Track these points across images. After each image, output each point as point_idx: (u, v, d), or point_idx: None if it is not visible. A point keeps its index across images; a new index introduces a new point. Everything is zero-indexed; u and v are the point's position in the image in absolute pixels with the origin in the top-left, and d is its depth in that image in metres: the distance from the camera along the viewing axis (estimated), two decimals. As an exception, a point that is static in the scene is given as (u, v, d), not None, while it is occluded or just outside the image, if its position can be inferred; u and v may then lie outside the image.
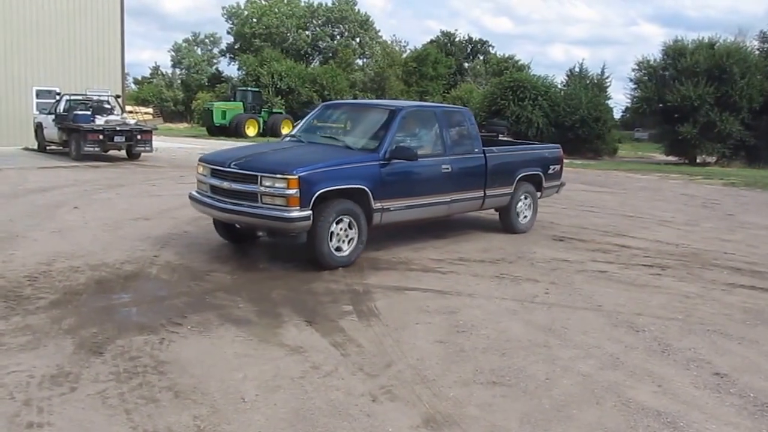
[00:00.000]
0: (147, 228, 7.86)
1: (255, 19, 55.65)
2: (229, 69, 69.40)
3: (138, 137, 16.80)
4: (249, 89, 38.16)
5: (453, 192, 7.31)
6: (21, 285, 5.28)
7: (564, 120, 28.44)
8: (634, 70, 29.84)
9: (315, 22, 57.20)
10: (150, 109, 49.85)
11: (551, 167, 8.86)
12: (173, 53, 61.10)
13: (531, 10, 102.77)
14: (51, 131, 17.71)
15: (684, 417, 3.43)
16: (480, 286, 5.86)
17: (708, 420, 3.42)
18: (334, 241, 6.13)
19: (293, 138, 7.59)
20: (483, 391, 3.65)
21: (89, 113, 16.74)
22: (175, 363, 3.87)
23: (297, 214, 5.78)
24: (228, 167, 6.18)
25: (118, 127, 16.57)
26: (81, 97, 18.27)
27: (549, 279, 6.18)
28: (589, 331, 4.73)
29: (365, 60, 55.56)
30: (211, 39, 62.55)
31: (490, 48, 58.45)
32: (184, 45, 61.45)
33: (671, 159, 28.42)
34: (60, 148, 17.76)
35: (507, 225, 8.41)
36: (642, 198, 13.23)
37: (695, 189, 15.47)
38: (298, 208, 5.78)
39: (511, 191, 8.17)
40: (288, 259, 6.54)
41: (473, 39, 58.91)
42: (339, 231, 6.15)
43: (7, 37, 20.93)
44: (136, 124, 18.49)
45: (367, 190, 6.29)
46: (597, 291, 5.83)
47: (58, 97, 18.58)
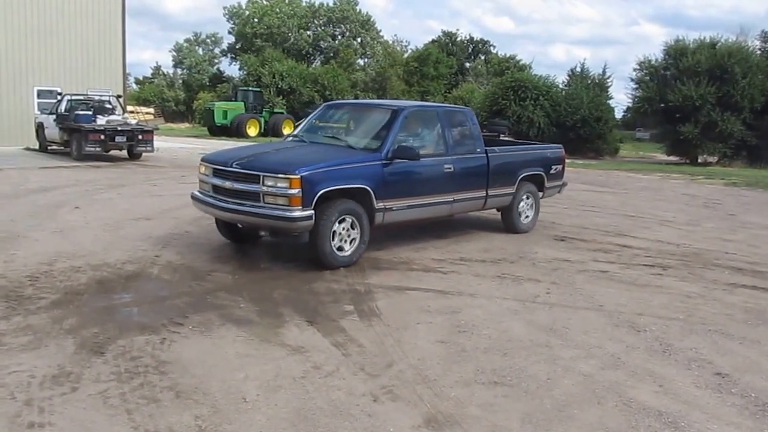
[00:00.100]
0: (148, 228, 7.87)
1: (256, 19, 55.64)
2: (231, 69, 69.66)
3: (139, 137, 16.80)
4: (250, 89, 38.15)
5: (455, 192, 7.31)
6: (22, 285, 5.29)
7: (565, 120, 28.41)
8: (635, 69, 29.90)
9: (316, 22, 57.20)
10: (151, 109, 49.83)
11: (553, 167, 8.86)
12: (174, 53, 61.18)
13: (532, 10, 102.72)
14: (52, 131, 17.72)
15: (685, 417, 3.43)
16: (481, 286, 5.86)
17: (709, 420, 3.41)
18: (336, 241, 6.13)
19: (295, 138, 7.59)
20: (484, 391, 3.65)
21: (90, 113, 16.75)
22: (177, 363, 3.87)
23: (299, 213, 5.78)
24: (230, 167, 6.19)
25: (119, 127, 16.57)
26: (82, 97, 18.27)
27: (550, 279, 6.18)
28: (591, 331, 4.73)
29: (366, 60, 55.56)
30: (213, 39, 62.53)
31: (491, 48, 58.55)
32: (185, 45, 61.42)
33: (673, 159, 28.36)
34: (61, 148, 17.77)
35: (509, 225, 8.42)
36: (643, 198, 13.22)
37: (697, 189, 15.45)
38: (300, 207, 5.79)
39: (513, 191, 8.18)
40: (289, 259, 6.54)
41: (474, 39, 59.00)
42: (341, 231, 6.15)
43: (9, 37, 20.95)
44: (137, 124, 18.51)
45: (370, 189, 6.29)
46: (598, 291, 5.82)
47: (59, 97, 18.55)
